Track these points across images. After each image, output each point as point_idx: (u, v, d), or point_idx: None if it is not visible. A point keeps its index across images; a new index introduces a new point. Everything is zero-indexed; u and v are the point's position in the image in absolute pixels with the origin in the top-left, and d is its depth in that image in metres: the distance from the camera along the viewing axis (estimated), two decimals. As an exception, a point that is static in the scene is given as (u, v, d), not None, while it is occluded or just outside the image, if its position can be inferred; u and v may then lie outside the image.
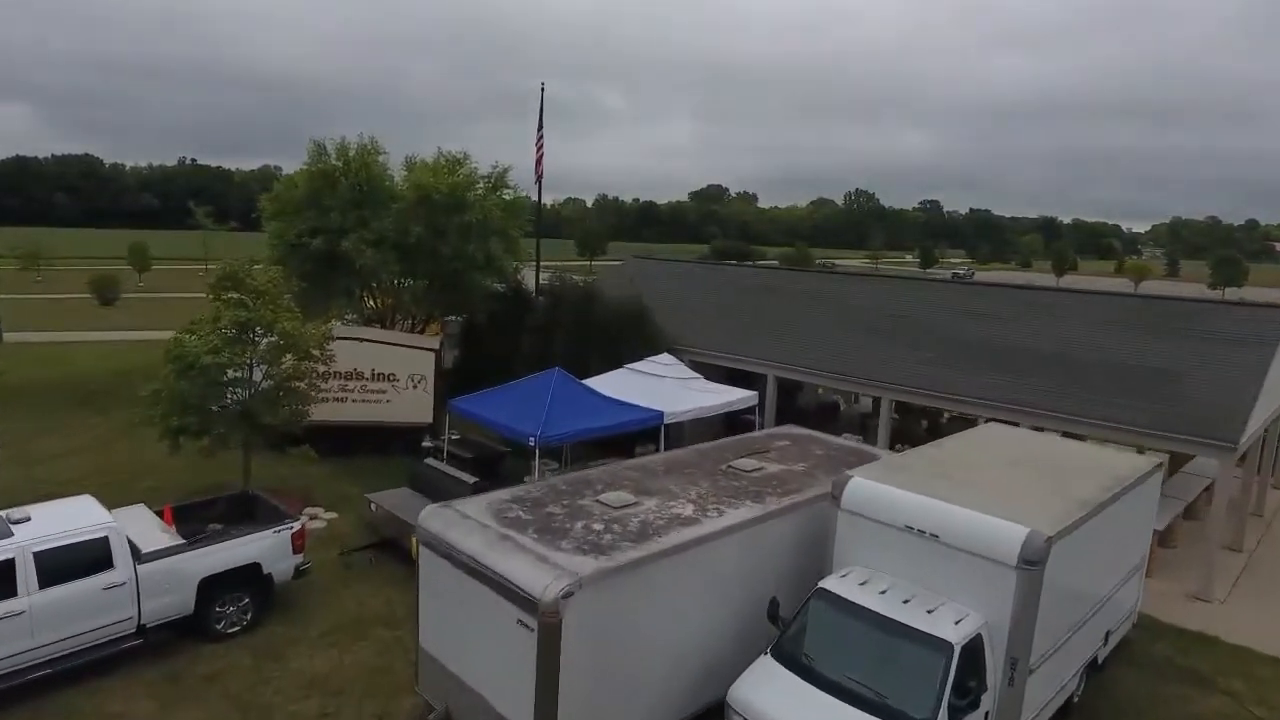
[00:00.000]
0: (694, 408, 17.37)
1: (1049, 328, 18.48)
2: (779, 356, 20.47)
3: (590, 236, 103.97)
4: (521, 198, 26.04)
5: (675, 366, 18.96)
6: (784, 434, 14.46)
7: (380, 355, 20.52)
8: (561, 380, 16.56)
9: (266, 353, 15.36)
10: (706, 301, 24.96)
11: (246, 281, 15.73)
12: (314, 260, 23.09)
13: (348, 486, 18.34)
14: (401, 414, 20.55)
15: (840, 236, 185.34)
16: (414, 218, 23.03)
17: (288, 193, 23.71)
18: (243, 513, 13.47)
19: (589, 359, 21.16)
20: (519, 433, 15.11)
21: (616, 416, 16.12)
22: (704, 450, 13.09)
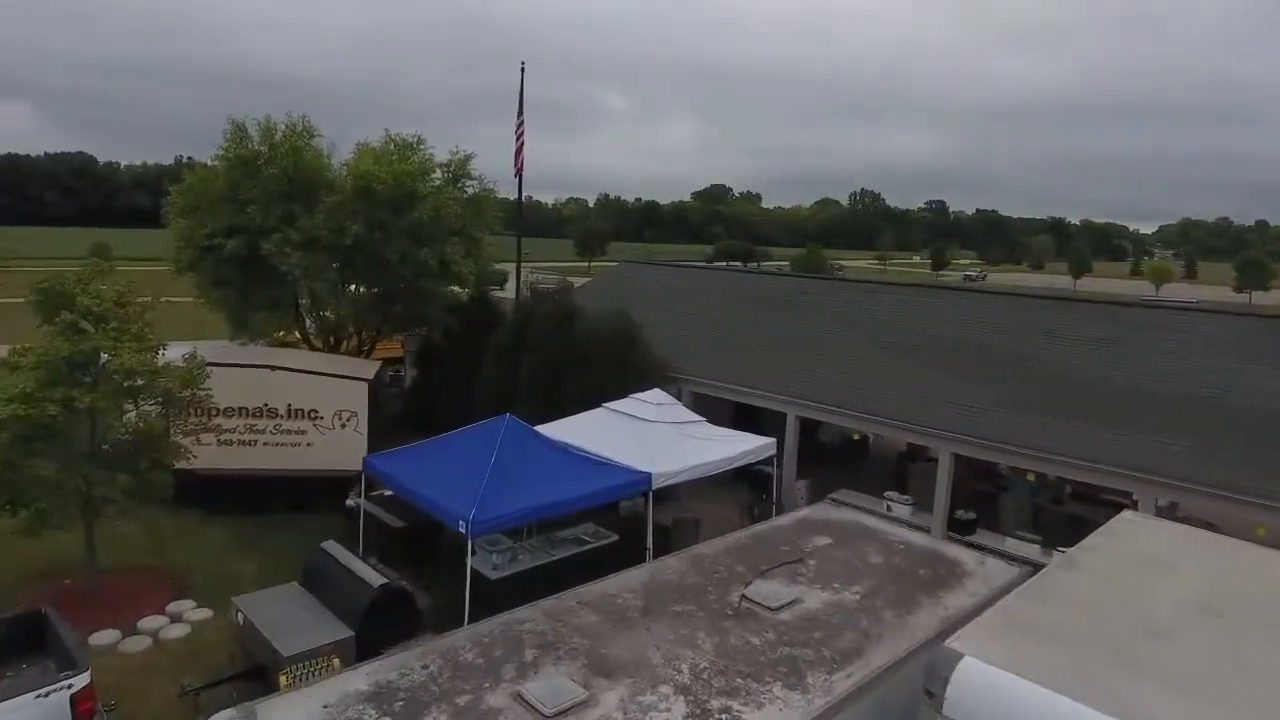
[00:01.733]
0: (694, 464, 13.10)
1: (1168, 356, 14.13)
2: (805, 392, 16.16)
3: (590, 237, 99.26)
4: (488, 192, 21.74)
5: (670, 406, 14.66)
6: (820, 519, 10.17)
7: (299, 387, 16.29)
8: (513, 433, 12.27)
9: (104, 397, 11.10)
10: (711, 317, 20.69)
11: (79, 299, 11.47)
12: (230, 266, 18.88)
13: (243, 563, 14.09)
14: (326, 460, 16.31)
15: (846, 237, 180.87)
16: (351, 213, 18.77)
17: (202, 185, 19.48)
18: (29, 642, 9.23)
19: (564, 392, 16.94)
20: (448, 512, 10.85)
21: (587, 482, 11.85)
22: (703, 559, 8.78)
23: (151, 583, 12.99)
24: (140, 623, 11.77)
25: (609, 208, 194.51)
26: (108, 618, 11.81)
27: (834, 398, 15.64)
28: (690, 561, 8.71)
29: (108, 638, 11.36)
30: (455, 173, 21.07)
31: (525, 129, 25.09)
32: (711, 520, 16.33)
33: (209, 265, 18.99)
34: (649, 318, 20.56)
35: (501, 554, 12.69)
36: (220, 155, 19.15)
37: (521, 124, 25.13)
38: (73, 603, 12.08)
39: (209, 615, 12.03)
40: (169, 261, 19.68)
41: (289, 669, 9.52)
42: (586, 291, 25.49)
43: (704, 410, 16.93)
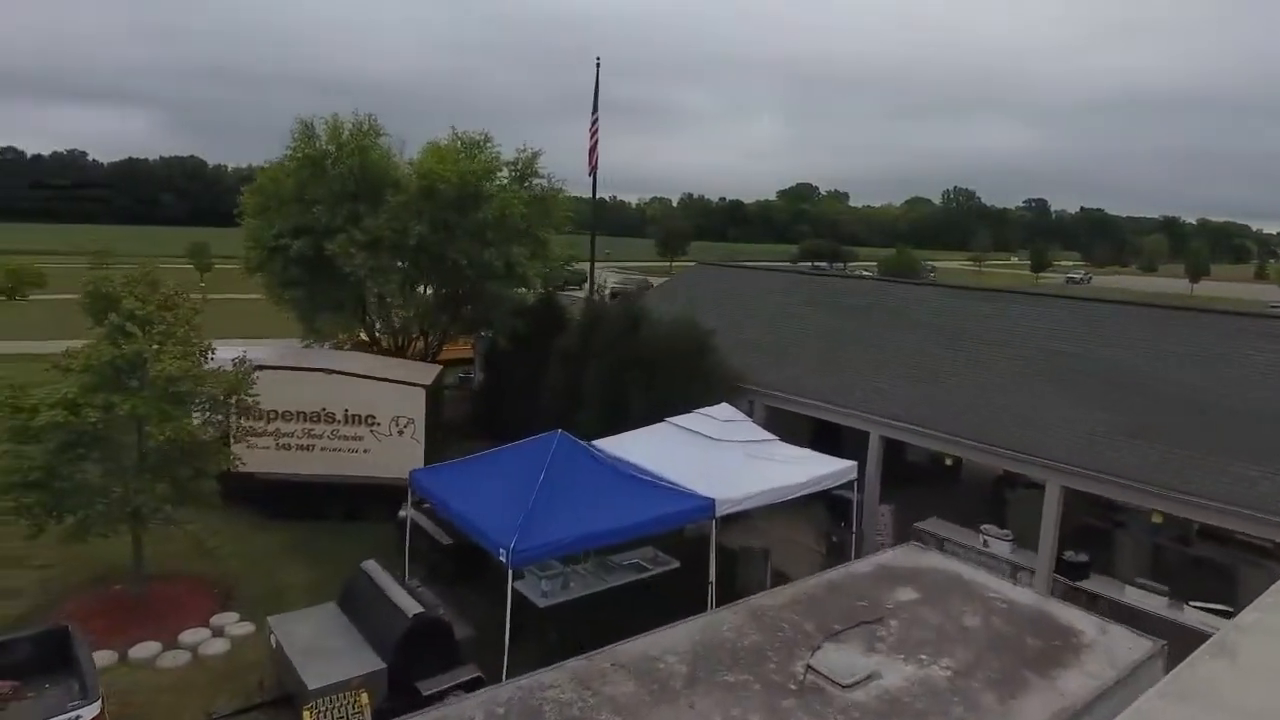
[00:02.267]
0: (763, 490, 11.87)
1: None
2: (891, 410, 14.68)
3: (671, 236, 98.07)
4: (556, 190, 20.96)
5: (739, 424, 13.46)
6: (905, 567, 8.81)
7: (356, 392, 15.81)
8: (564, 451, 11.33)
9: (145, 403, 10.72)
10: (791, 323, 19.33)
11: (124, 302, 11.15)
12: (297, 266, 18.68)
13: (292, 573, 13.66)
14: (382, 467, 15.76)
15: (938, 237, 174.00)
16: (415, 213, 18.28)
17: (272, 185, 19.36)
18: (55, 659, 8.83)
19: (628, 403, 15.95)
20: (489, 539, 9.98)
21: (643, 508, 10.79)
22: (765, 613, 7.60)
23: (198, 591, 12.68)
24: (182, 635, 11.39)
25: (692, 207, 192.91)
26: (150, 628, 11.49)
27: (923, 417, 14.11)
28: (749, 615, 7.55)
29: (148, 650, 11.00)
30: (522, 171, 20.38)
31: (600, 126, 24.28)
32: (784, 548, 15.07)
33: (277, 265, 18.85)
34: (723, 323, 19.39)
35: (551, 580, 11.79)
36: (289, 155, 18.95)
37: (596, 121, 24.29)
38: (119, 610, 11.89)
39: (250, 631, 11.55)
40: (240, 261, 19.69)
41: (314, 704, 8.84)
42: (659, 294, 24.48)
43: (779, 426, 15.67)
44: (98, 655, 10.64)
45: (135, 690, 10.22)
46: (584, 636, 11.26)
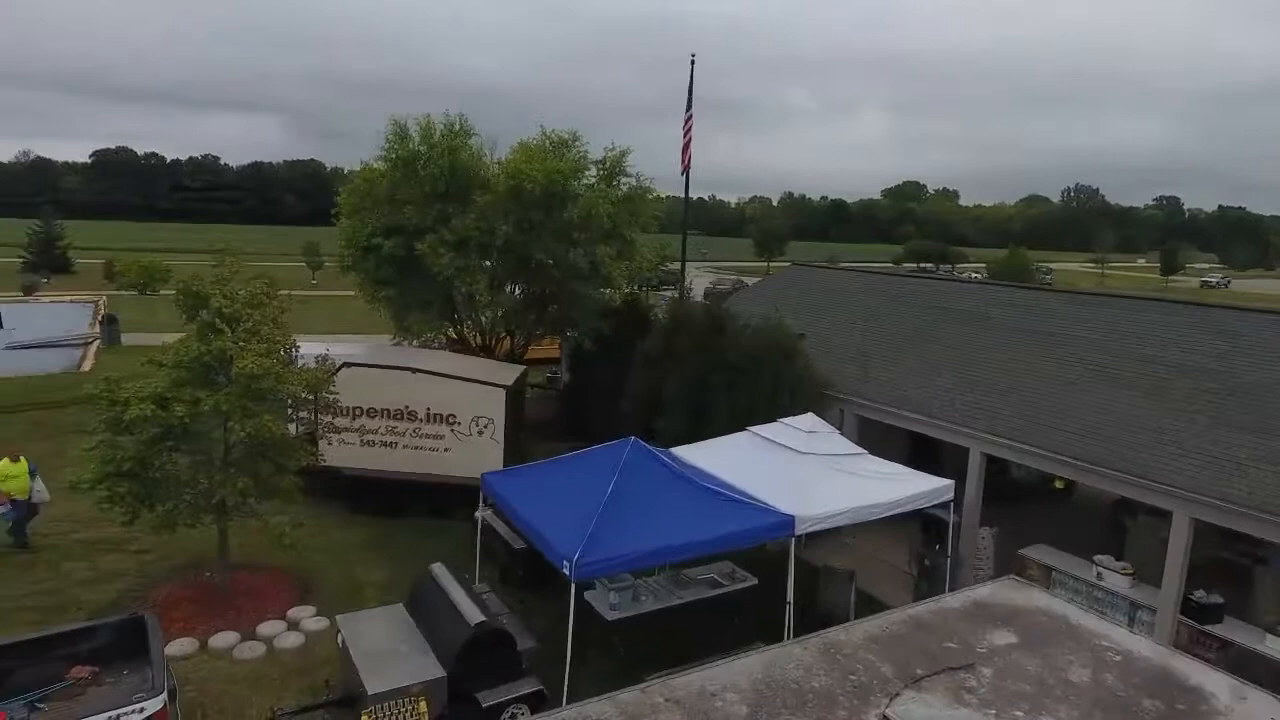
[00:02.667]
0: (849, 508, 11.09)
1: None
2: (995, 425, 13.54)
3: (768, 236, 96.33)
4: (645, 189, 20.57)
5: (825, 435, 12.67)
6: (1003, 605, 7.90)
7: (438, 391, 15.88)
8: (637, 459, 10.90)
9: (228, 399, 10.93)
10: (888, 329, 18.27)
11: (212, 300, 11.42)
12: (389, 266, 19.01)
13: (371, 569, 13.78)
14: (461, 467, 15.76)
15: (1056, 237, 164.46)
16: (502, 213, 18.27)
17: (367, 186, 19.77)
18: (134, 647, 9.03)
19: (711, 409, 15.40)
20: (553, 550, 9.64)
21: (718, 522, 10.22)
22: (838, 650, 6.91)
23: (279, 583, 12.92)
24: (260, 627, 11.61)
25: (792, 206, 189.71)
26: (230, 617, 11.77)
27: (1032, 435, 12.92)
28: (821, 652, 6.87)
29: (226, 640, 11.25)
30: (610, 170, 20.09)
31: (700, 126, 23.83)
32: (871, 568, 14.20)
33: (370, 265, 19.23)
34: (814, 327, 18.56)
35: (621, 592, 11.39)
36: (382, 156, 19.30)
37: (690, 118, 23.85)
38: (204, 598, 12.23)
39: (324, 626, 11.64)
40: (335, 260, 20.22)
41: (372, 709, 8.73)
42: (749, 296, 23.74)
43: (872, 439, 14.80)
44: (181, 642, 11.06)
45: (211, 679, 10.43)
46: (653, 654, 10.87)
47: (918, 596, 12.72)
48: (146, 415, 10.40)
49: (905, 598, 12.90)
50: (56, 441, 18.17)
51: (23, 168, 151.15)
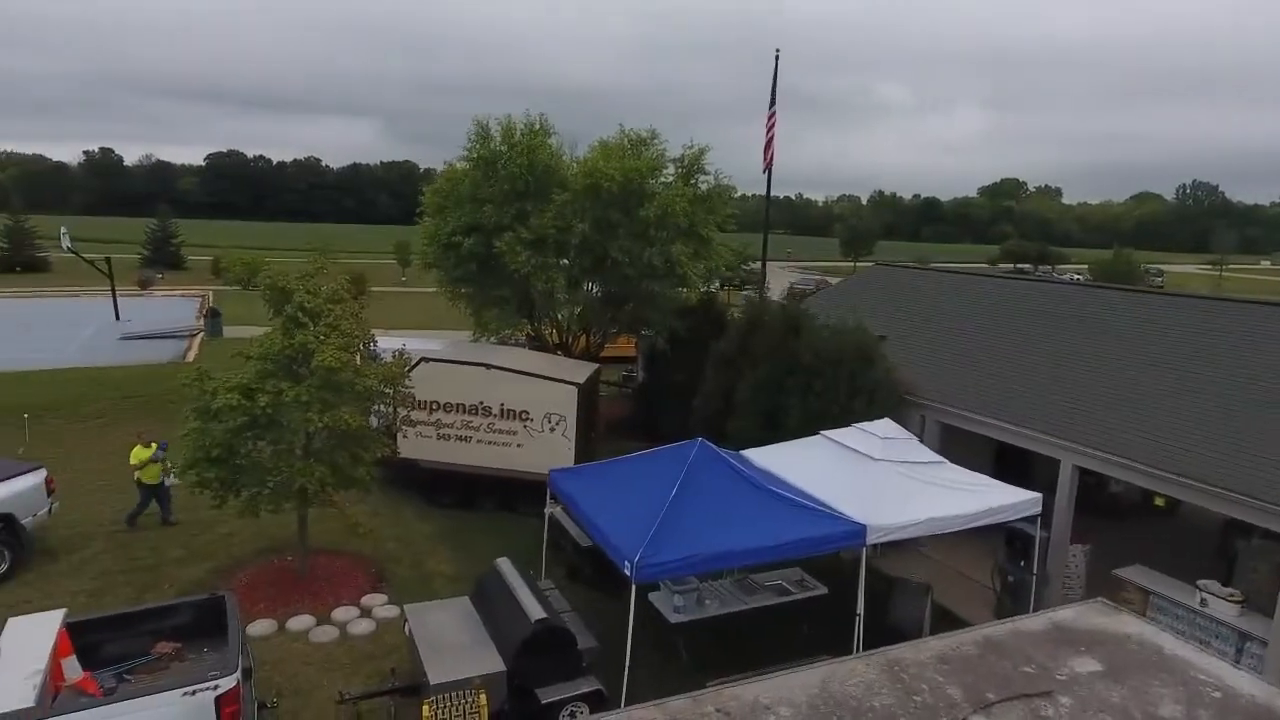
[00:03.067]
0: (924, 518, 10.62)
1: None
2: (1090, 436, 12.72)
3: (856, 235, 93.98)
4: (724, 187, 20.32)
5: (902, 442, 12.15)
6: (1088, 629, 7.37)
7: (512, 387, 16.06)
8: (704, 461, 10.72)
9: (307, 391, 11.31)
10: (977, 332, 17.47)
11: (296, 295, 11.84)
12: (468, 263, 19.38)
13: (441, 561, 14.05)
14: (533, 463, 15.88)
15: (1169, 237, 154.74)
16: (579, 212, 18.36)
17: (450, 185, 20.20)
18: (215, 625, 9.42)
19: (785, 412, 15.07)
20: (615, 550, 9.57)
21: (785, 529, 9.92)
22: (903, 668, 6.57)
23: (354, 569, 13.31)
24: (334, 612, 11.98)
25: (882, 205, 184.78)
26: (308, 601, 12.19)
27: (1130, 448, 12.06)
28: (885, 669, 6.56)
29: (303, 623, 11.65)
30: (688, 168, 19.92)
31: (789, 123, 23.50)
32: (950, 581, 13.62)
33: (450, 262, 19.64)
34: (896, 329, 17.93)
35: (686, 595, 11.23)
36: (465, 156, 19.67)
37: (773, 115, 23.46)
38: (284, 581, 12.71)
39: (395, 614, 11.92)
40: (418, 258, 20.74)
41: (433, 699, 8.85)
42: (829, 297, 23.15)
43: (955, 447, 14.18)
44: (262, 623, 11.51)
45: (287, 660, 10.81)
46: (717, 659, 10.68)
47: (1000, 614, 12.10)
48: (233, 405, 10.85)
49: (986, 615, 12.29)
50: (163, 426, 19.25)
51: (145, 170, 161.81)
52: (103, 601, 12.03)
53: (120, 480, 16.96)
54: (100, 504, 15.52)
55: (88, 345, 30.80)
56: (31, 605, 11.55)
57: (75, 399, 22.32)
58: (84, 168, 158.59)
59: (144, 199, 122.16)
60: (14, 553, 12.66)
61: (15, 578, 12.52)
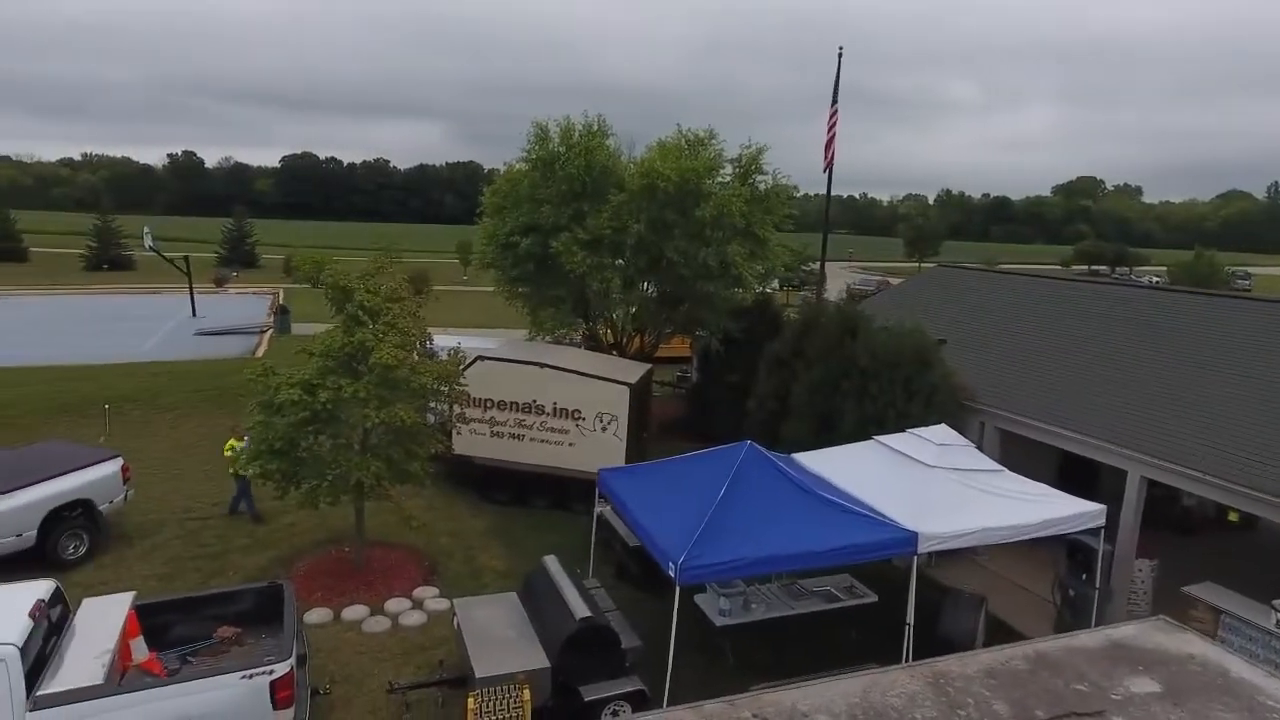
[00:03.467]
0: (979, 528, 10.33)
1: None
2: (1159, 446, 12.19)
3: (921, 235, 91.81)
4: (781, 186, 20.12)
5: (958, 449, 11.83)
6: (1147, 648, 7.07)
7: (564, 386, 16.20)
8: (752, 464, 10.63)
9: (365, 388, 11.62)
10: (1043, 338, 16.92)
11: (356, 292, 12.18)
12: (525, 263, 19.63)
13: (492, 556, 14.26)
14: (585, 462, 16.00)
15: (1260, 238, 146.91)
16: (635, 212, 18.42)
17: (509, 186, 20.49)
18: (274, 612, 9.77)
19: (839, 416, 14.86)
20: (660, 550, 9.57)
21: (833, 534, 9.77)
22: (949, 682, 6.41)
23: (408, 562, 13.62)
24: (387, 603, 12.28)
25: (950, 204, 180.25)
26: (363, 592, 12.52)
27: (1201, 459, 11.51)
28: (929, 682, 6.41)
29: (357, 613, 11.98)
30: (746, 168, 19.79)
31: (851, 122, 23.19)
32: (1008, 593, 13.24)
33: (507, 262, 19.92)
34: (957, 333, 17.50)
35: (732, 598, 11.17)
36: (524, 157, 19.92)
37: (835, 113, 23.12)
38: (341, 571, 13.09)
39: (445, 607, 12.15)
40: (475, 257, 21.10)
41: (478, 691, 9.00)
42: (889, 298, 22.70)
43: (1016, 455, 13.75)
44: (318, 612, 11.87)
45: (341, 648, 11.13)
46: (763, 663, 10.61)
47: (1059, 630, 11.69)
48: (294, 400, 11.22)
49: (1045, 630, 11.90)
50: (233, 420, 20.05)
51: (224, 172, 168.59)
52: (172, 585, 12.60)
53: (192, 470, 17.77)
54: (173, 493, 16.24)
55: (166, 340, 32.28)
56: (107, 587, 12.19)
57: (153, 391, 23.41)
58: (168, 170, 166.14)
59: (223, 200, 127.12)
60: (91, 536, 13.33)
61: (93, 560, 13.19)
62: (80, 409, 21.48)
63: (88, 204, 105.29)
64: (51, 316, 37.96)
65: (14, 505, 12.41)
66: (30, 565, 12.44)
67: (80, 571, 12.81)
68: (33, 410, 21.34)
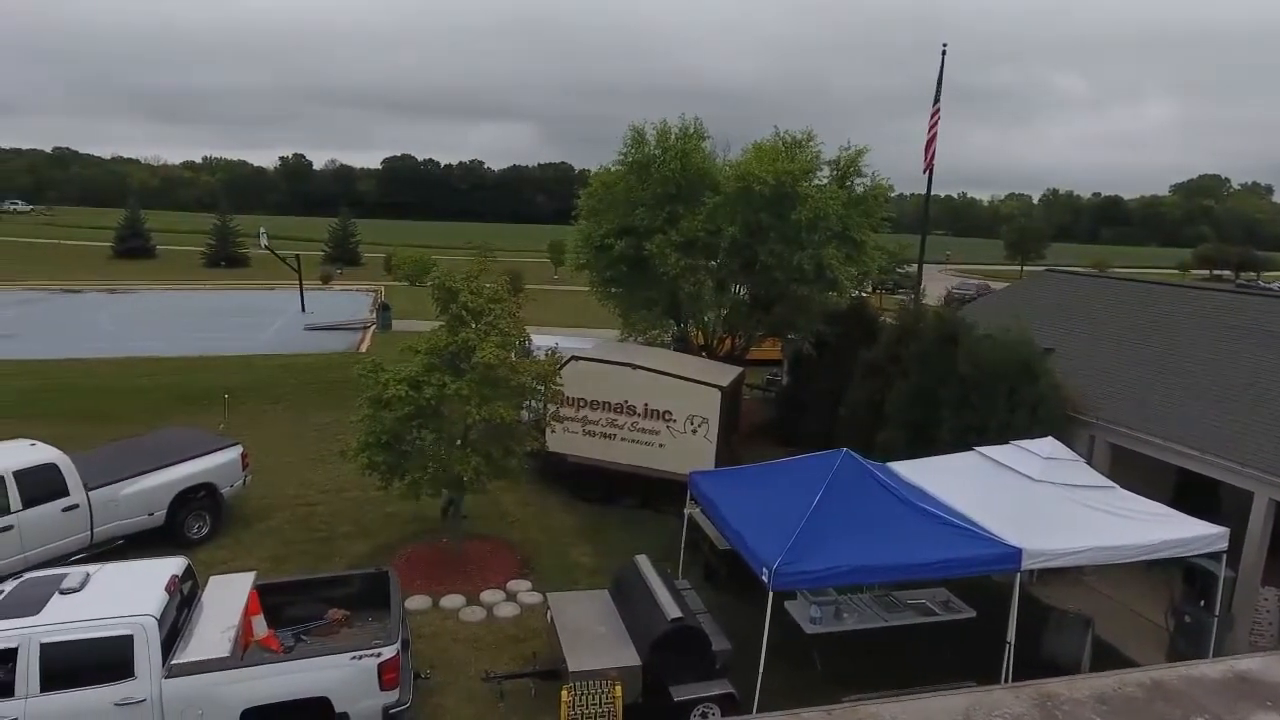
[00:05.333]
0: (1088, 547, 9.90)
1: None
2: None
3: (1025, 237, 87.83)
4: (880, 189, 19.71)
5: (1065, 464, 11.33)
6: (1273, 681, 6.66)
7: (656, 387, 16.34)
8: (848, 472, 10.49)
9: (467, 385, 12.04)
10: (1161, 349, 16.03)
11: (461, 293, 12.63)
12: (618, 265, 19.89)
13: (583, 554, 14.56)
14: (674, 463, 16.12)
15: None
16: (729, 215, 18.40)
17: (604, 189, 20.77)
18: (379, 596, 10.25)
19: (937, 426, 14.50)
20: (754, 555, 9.57)
21: (931, 547, 9.55)
22: (1056, 705, 6.19)
23: (503, 555, 14.03)
24: (483, 594, 12.68)
25: (1056, 204, 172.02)
26: (460, 582, 12.97)
27: (1341, 482, 10.69)
28: (1035, 703, 6.22)
29: (455, 602, 12.42)
30: (844, 170, 19.48)
31: (953, 120, 22.60)
32: (1115, 615, 12.63)
33: (602, 264, 20.20)
34: (1067, 341, 16.78)
35: (824, 606, 11.04)
36: (620, 160, 20.15)
37: (936, 112, 22.53)
38: (440, 560, 13.59)
39: (538, 600, 12.46)
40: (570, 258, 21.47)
41: (572, 685, 9.22)
42: (992, 304, 21.92)
43: (1128, 471, 13.09)
44: (418, 599, 12.37)
45: (439, 636, 11.57)
46: (853, 673, 10.46)
47: (1173, 658, 11.09)
48: (401, 395, 11.73)
49: (1156, 657, 11.31)
50: (338, 411, 21.07)
51: (330, 174, 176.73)
52: (284, 566, 13.36)
53: (301, 458, 18.74)
54: (285, 480, 17.18)
55: (278, 334, 34.15)
56: (227, 566, 13.04)
57: (267, 383, 24.84)
58: (279, 172, 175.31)
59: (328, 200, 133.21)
60: (214, 517, 14.27)
61: (213, 540, 14.12)
62: (200, 399, 22.98)
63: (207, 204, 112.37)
64: (177, 310, 40.72)
65: (148, 486, 13.40)
66: (159, 543, 13.43)
67: (203, 550, 13.72)
68: (162, 399, 22.99)
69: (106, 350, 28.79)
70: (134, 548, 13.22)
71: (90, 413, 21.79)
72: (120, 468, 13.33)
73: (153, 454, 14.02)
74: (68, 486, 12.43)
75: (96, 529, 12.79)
